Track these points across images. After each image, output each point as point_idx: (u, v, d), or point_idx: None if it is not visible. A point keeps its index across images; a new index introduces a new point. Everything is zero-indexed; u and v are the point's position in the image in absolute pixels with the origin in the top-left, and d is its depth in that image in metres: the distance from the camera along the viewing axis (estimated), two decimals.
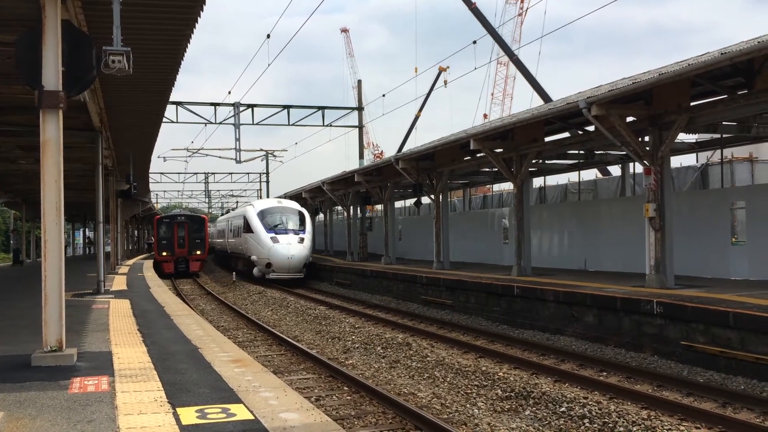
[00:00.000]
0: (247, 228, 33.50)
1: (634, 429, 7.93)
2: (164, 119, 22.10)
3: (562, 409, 8.91)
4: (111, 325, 11.94)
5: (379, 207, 32.45)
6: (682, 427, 8.03)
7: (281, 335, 15.92)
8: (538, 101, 38.35)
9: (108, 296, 17.49)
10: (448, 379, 11.03)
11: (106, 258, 24.72)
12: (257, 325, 18.27)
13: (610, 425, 8.14)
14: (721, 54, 12.31)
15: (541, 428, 8.42)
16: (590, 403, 8.99)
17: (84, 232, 72.65)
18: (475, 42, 26.53)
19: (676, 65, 14.44)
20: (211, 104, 32.23)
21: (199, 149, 46.70)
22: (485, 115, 68.95)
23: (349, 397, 10.12)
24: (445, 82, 46.31)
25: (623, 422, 8.15)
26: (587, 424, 8.31)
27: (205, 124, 32.40)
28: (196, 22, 11.24)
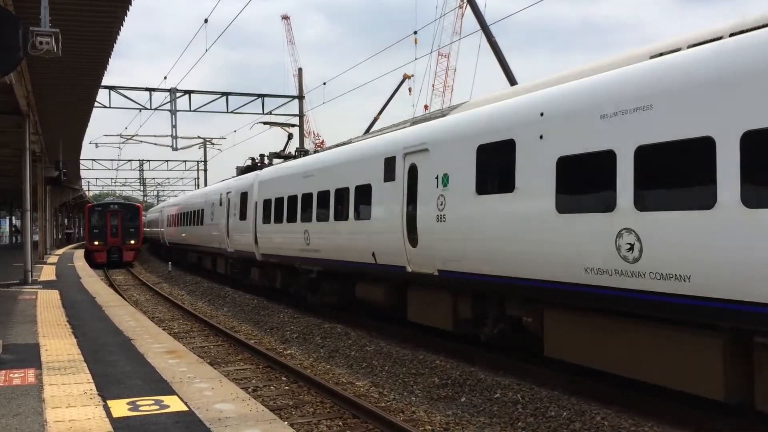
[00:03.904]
0: None
1: (564, 414, 8.18)
2: (96, 104, 21.42)
3: (497, 395, 9.11)
4: (39, 316, 11.56)
5: None
6: (608, 411, 8.33)
7: (218, 326, 15.71)
8: (477, 93, 38.89)
9: (36, 287, 16.90)
10: (387, 368, 11.13)
11: (34, 247, 23.87)
12: (194, 315, 17.96)
13: (542, 410, 8.38)
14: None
15: (476, 414, 8.60)
16: (523, 389, 9.22)
17: (10, 220, 69.72)
18: (416, 32, 26.63)
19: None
20: (146, 89, 31.29)
21: (133, 136, 45.32)
22: (426, 106, 69.50)
23: (287, 387, 10.09)
24: (410, 90, 45.82)
25: (554, 407, 8.40)
26: (520, 410, 8.54)
27: (140, 109, 31.41)
28: (130, 4, 10.93)
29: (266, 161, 24.76)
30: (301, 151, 21.23)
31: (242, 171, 24.89)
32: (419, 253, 11.36)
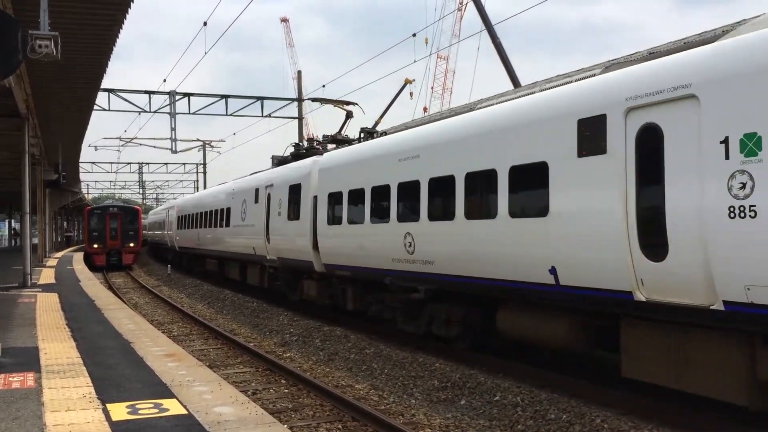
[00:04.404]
0: None
1: (564, 416, 8.18)
2: (96, 107, 21.44)
3: (496, 397, 9.11)
4: (38, 319, 11.55)
5: None
6: (608, 413, 8.33)
7: (217, 329, 15.70)
8: (476, 96, 38.88)
9: (35, 290, 16.90)
10: (386, 370, 11.12)
11: (33, 250, 23.87)
12: (193, 318, 17.95)
13: (542, 412, 8.38)
14: (650, 54, 12.75)
15: (476, 417, 8.59)
16: (523, 391, 9.21)
17: (9, 223, 69.77)
18: (414, 35, 26.65)
19: (608, 63, 14.88)
20: (146, 92, 31.30)
21: (132, 138, 45.31)
22: (425, 109, 69.56)
23: (286, 390, 10.08)
24: (411, 94, 45.75)
25: (554, 410, 8.40)
26: (520, 412, 8.53)
27: (139, 112, 31.43)
28: (129, 7, 10.95)
29: (315, 146, 19.70)
30: (369, 132, 16.76)
31: (280, 161, 20.45)
32: (671, 269, 7.20)
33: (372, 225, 12.95)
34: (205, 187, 53.93)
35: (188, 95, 32.35)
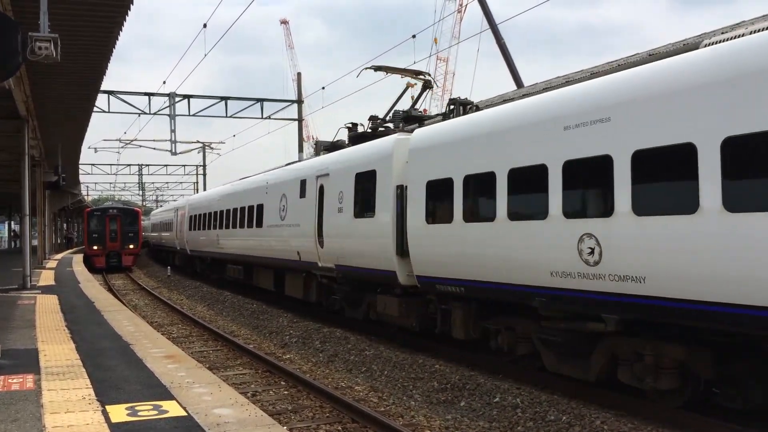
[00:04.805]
0: None
1: (563, 418, 8.18)
2: (95, 108, 21.46)
3: (496, 399, 9.10)
4: (37, 321, 11.56)
5: None
6: (607, 414, 8.33)
7: (217, 330, 15.70)
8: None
9: (35, 292, 16.92)
10: (386, 372, 11.11)
11: (33, 252, 23.88)
12: (193, 320, 17.95)
13: (541, 414, 8.38)
14: (649, 55, 12.76)
15: (475, 418, 8.59)
16: (523, 393, 9.21)
17: (9, 225, 69.84)
18: (414, 36, 26.67)
19: (608, 65, 14.90)
20: (145, 94, 31.31)
21: (132, 140, 45.33)
22: (425, 110, 69.58)
23: (286, 392, 10.08)
24: (412, 98, 45.84)
25: (554, 411, 8.40)
26: (519, 414, 8.53)
27: (139, 114, 31.44)
28: (129, 9, 10.98)
29: (382, 126, 15.62)
30: (464, 104, 12.96)
31: (328, 147, 17.12)
32: None
33: (512, 223, 9.35)
34: (204, 188, 53.60)
35: (188, 97, 32.35)
